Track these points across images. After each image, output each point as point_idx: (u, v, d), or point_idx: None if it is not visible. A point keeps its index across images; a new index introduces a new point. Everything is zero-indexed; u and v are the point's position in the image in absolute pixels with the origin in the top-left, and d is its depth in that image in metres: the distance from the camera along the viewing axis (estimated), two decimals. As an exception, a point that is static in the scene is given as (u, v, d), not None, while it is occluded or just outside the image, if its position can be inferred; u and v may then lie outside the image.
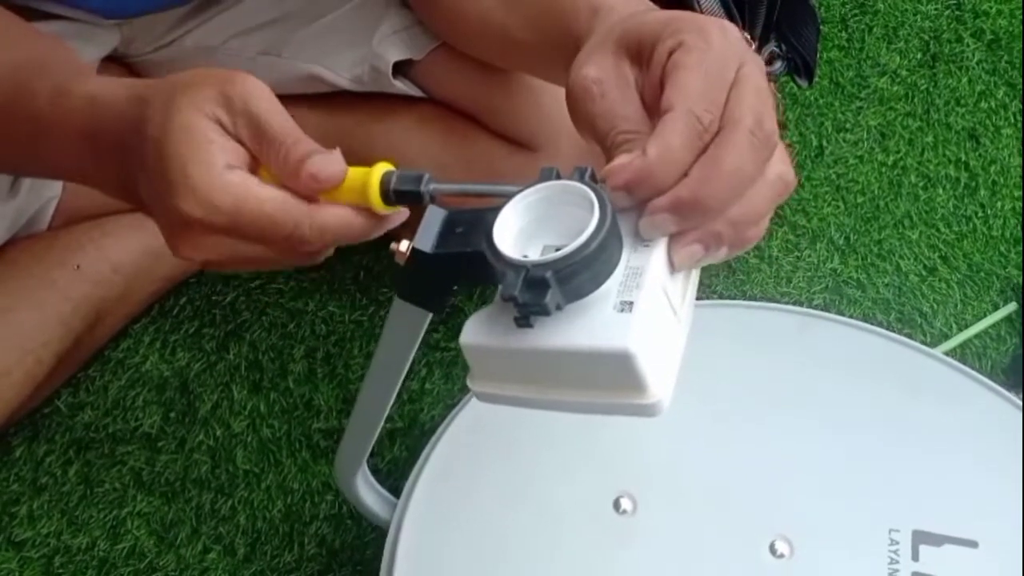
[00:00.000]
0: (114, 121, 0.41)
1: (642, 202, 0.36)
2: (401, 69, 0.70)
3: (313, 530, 0.74)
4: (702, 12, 0.75)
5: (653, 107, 0.38)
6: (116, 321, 0.78)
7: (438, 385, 0.80)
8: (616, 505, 0.56)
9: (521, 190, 0.37)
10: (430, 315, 0.41)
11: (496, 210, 0.36)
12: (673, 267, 0.37)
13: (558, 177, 0.37)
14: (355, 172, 0.39)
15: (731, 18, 0.76)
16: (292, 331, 0.82)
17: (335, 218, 0.38)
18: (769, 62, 0.78)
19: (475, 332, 0.37)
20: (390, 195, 0.38)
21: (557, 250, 0.35)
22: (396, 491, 0.69)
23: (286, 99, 0.53)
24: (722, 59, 0.37)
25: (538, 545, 0.55)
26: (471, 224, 0.37)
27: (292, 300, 0.84)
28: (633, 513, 0.56)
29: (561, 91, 0.43)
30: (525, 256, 0.35)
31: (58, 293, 0.71)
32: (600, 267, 0.34)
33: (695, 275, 0.39)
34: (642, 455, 0.57)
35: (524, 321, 0.35)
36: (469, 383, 0.39)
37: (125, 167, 0.41)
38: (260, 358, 0.81)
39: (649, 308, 0.35)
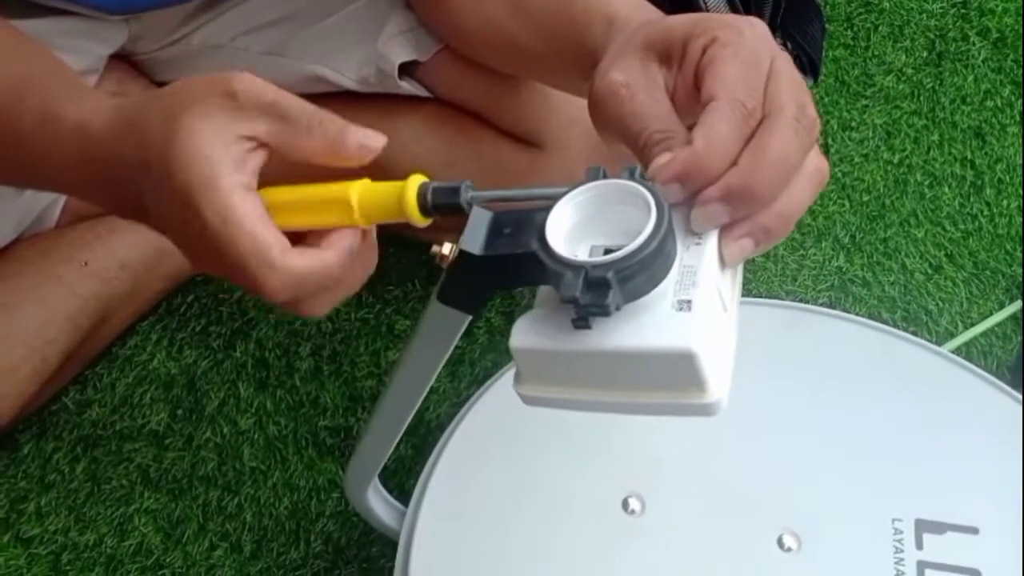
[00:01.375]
0: (106, 151, 0.40)
1: (692, 195, 0.36)
2: (407, 69, 0.70)
3: (319, 527, 0.75)
4: (708, 10, 0.75)
5: (685, 106, 0.39)
6: (123, 318, 0.78)
7: (444, 383, 0.80)
8: (624, 505, 0.56)
9: (569, 190, 0.36)
10: (468, 318, 0.40)
11: (544, 211, 0.36)
12: (724, 263, 0.36)
13: (605, 176, 0.36)
14: (388, 186, 0.38)
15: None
16: (298, 329, 0.82)
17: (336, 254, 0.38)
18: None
19: (528, 335, 0.36)
20: (428, 208, 0.37)
21: (606, 250, 0.34)
22: (402, 489, 0.69)
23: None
24: (756, 51, 0.38)
25: (547, 546, 0.55)
26: (519, 224, 0.36)
27: (298, 298, 0.84)
28: (642, 513, 0.56)
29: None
30: (575, 256, 0.35)
31: (65, 290, 0.71)
32: (659, 266, 0.34)
33: (740, 271, 0.38)
34: (649, 455, 0.58)
35: (583, 323, 0.34)
36: (516, 387, 0.38)
37: (121, 192, 0.40)
38: (267, 356, 0.81)
39: (706, 306, 0.34)
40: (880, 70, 0.98)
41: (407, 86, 0.71)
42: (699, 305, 0.34)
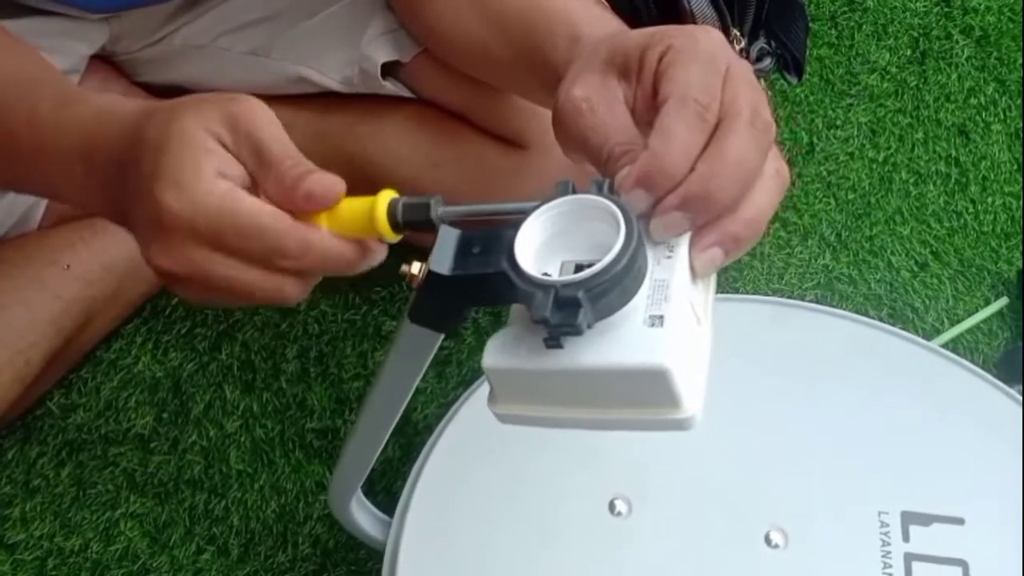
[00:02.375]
0: (116, 133, 0.40)
1: (658, 203, 0.36)
2: (390, 70, 0.70)
3: (307, 530, 0.74)
4: (691, 10, 0.76)
5: (646, 118, 0.38)
6: (107, 321, 0.78)
7: (431, 384, 0.80)
8: (611, 507, 0.56)
9: (538, 206, 0.36)
10: (441, 337, 0.40)
11: (513, 228, 0.35)
12: (695, 274, 0.36)
13: (574, 191, 0.36)
14: (358, 202, 0.38)
15: (720, 15, 0.76)
16: (285, 331, 0.82)
17: (321, 237, 0.37)
18: (759, 59, 0.79)
19: (499, 355, 0.36)
20: (398, 224, 0.37)
21: (578, 266, 0.34)
22: (389, 491, 0.69)
23: (276, 99, 0.53)
24: (711, 54, 0.38)
25: (534, 550, 0.55)
26: (487, 243, 0.36)
27: (284, 300, 0.84)
28: (628, 515, 0.56)
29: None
30: (546, 274, 0.34)
31: (48, 293, 0.70)
32: (630, 282, 0.34)
33: (713, 282, 0.38)
34: (635, 457, 0.58)
35: (554, 342, 0.34)
36: (490, 406, 0.38)
37: (115, 180, 0.40)
38: (253, 358, 0.81)
39: (679, 321, 0.34)
40: (864, 68, 0.99)
41: (390, 86, 0.71)
42: (671, 320, 0.34)
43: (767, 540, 0.55)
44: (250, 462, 0.77)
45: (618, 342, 0.34)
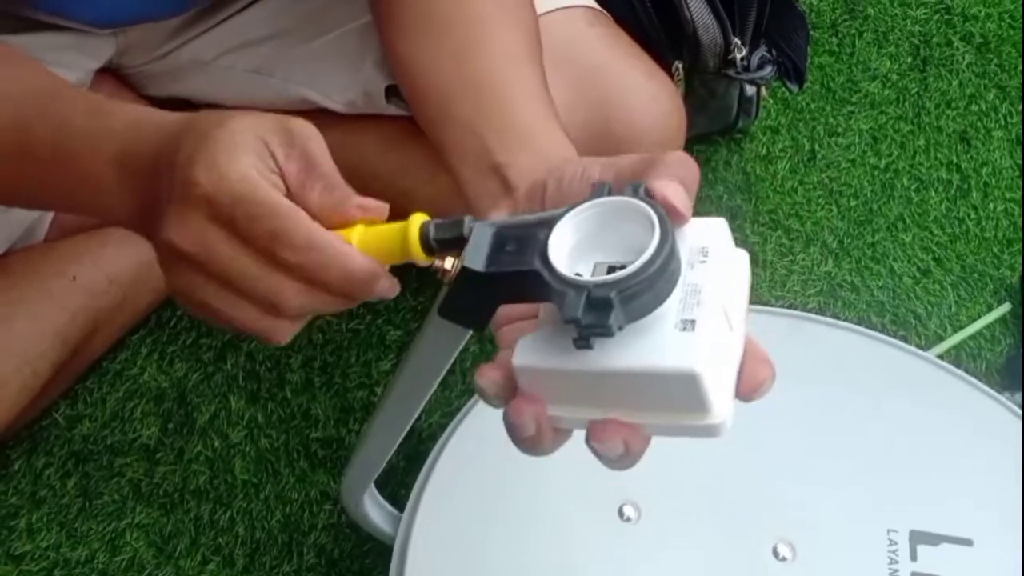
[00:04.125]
0: (153, 137, 0.40)
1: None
2: (395, 91, 0.71)
3: (312, 540, 0.74)
4: (692, 19, 0.76)
5: None
6: (113, 332, 0.78)
7: (436, 392, 0.80)
8: (620, 513, 0.56)
9: (572, 208, 0.36)
10: (469, 332, 0.40)
11: (547, 227, 0.35)
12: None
13: (610, 193, 0.36)
14: (388, 228, 0.38)
15: (721, 24, 0.77)
16: (289, 341, 0.82)
17: (330, 238, 0.37)
18: (759, 67, 0.79)
19: (530, 354, 0.36)
20: (430, 245, 0.37)
21: (611, 268, 0.34)
22: (395, 499, 0.69)
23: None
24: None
25: (543, 554, 0.55)
26: (521, 241, 0.36)
27: (289, 310, 0.84)
28: (637, 521, 0.56)
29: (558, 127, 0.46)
30: (578, 274, 0.34)
31: (54, 304, 0.71)
32: (663, 285, 0.33)
33: (746, 287, 0.38)
34: (644, 463, 0.57)
35: (584, 343, 0.34)
36: None
37: (147, 179, 0.40)
38: (257, 368, 0.81)
39: (711, 326, 0.34)
40: (865, 76, 0.99)
41: (395, 108, 0.71)
42: (703, 325, 0.34)
43: (774, 552, 0.54)
44: (255, 472, 0.77)
45: (649, 345, 0.34)
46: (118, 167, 0.42)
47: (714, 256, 0.36)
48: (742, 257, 0.38)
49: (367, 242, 0.38)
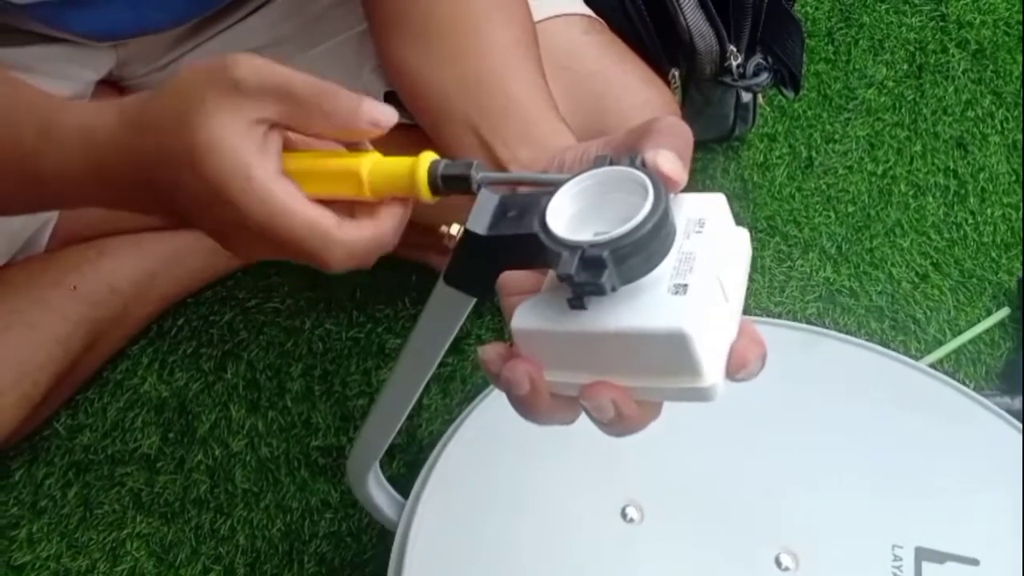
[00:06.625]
0: (114, 154, 0.40)
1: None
2: (394, 96, 0.71)
3: (313, 548, 0.74)
4: (687, 27, 0.77)
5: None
6: (113, 342, 0.78)
7: (436, 400, 0.80)
8: (623, 514, 0.56)
9: (573, 176, 0.37)
10: (474, 301, 0.41)
11: (549, 194, 0.37)
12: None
13: (611, 164, 0.37)
14: (397, 160, 0.39)
15: (716, 31, 0.77)
16: (289, 349, 0.83)
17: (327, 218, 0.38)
18: (755, 74, 0.79)
19: (526, 317, 0.37)
20: (438, 182, 0.38)
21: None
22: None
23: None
24: None
25: (545, 553, 0.55)
26: (524, 208, 0.37)
27: (289, 319, 0.84)
28: (640, 522, 0.56)
29: (557, 117, 0.45)
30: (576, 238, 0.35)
31: (55, 314, 0.71)
32: (655, 248, 0.34)
33: (745, 264, 0.39)
34: (649, 465, 0.58)
35: (578, 302, 0.35)
36: None
37: (142, 193, 0.40)
38: (258, 377, 0.81)
39: (703, 291, 0.35)
40: (861, 83, 1.00)
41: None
42: (695, 289, 0.34)
43: (777, 562, 0.54)
44: (255, 481, 0.77)
45: (640, 307, 0.35)
46: (93, 177, 0.42)
47: (710, 227, 0.37)
48: (742, 235, 0.39)
49: (377, 174, 0.39)
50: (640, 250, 0.34)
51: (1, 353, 0.68)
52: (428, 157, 0.38)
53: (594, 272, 0.34)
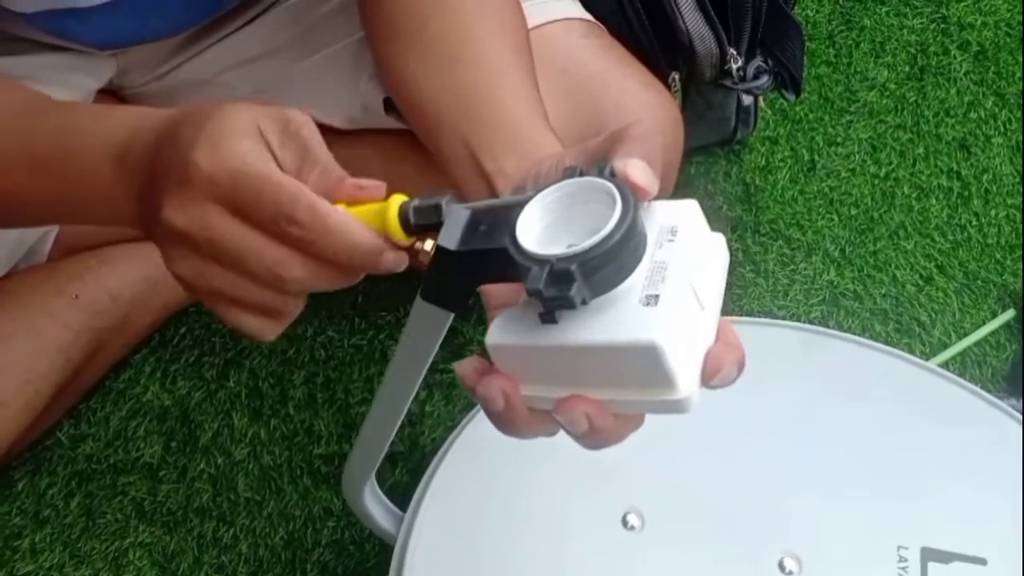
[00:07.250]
0: (153, 129, 0.41)
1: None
2: (392, 102, 0.71)
3: (315, 557, 0.74)
4: (687, 30, 0.76)
5: None
6: (115, 351, 0.78)
7: (439, 407, 0.80)
8: (624, 521, 0.56)
9: (542, 189, 0.37)
10: (452, 316, 0.41)
11: (519, 208, 0.36)
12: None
13: (580, 175, 0.37)
14: (368, 207, 0.38)
15: (716, 34, 0.77)
16: (292, 357, 0.82)
17: (330, 209, 0.37)
18: (756, 76, 0.79)
19: (500, 332, 0.37)
20: (411, 227, 0.38)
21: None
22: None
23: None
24: None
25: (546, 561, 0.55)
26: (494, 223, 0.37)
27: (291, 326, 0.83)
28: (641, 529, 0.55)
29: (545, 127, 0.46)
30: (545, 252, 0.35)
31: (57, 323, 0.71)
32: (625, 259, 0.34)
33: (722, 270, 0.38)
34: (650, 471, 0.57)
35: (549, 316, 0.35)
36: None
37: (148, 179, 0.40)
38: (260, 385, 0.81)
39: (675, 301, 0.34)
40: (863, 86, 0.99)
41: (394, 120, 0.71)
42: (667, 300, 0.34)
43: (780, 566, 0.54)
44: (258, 489, 0.77)
45: (611, 319, 0.34)
46: (118, 161, 0.42)
47: (683, 235, 0.36)
48: (718, 240, 0.38)
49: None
50: (609, 262, 0.33)
51: (4, 362, 0.68)
52: (397, 201, 0.38)
53: (563, 286, 0.33)
